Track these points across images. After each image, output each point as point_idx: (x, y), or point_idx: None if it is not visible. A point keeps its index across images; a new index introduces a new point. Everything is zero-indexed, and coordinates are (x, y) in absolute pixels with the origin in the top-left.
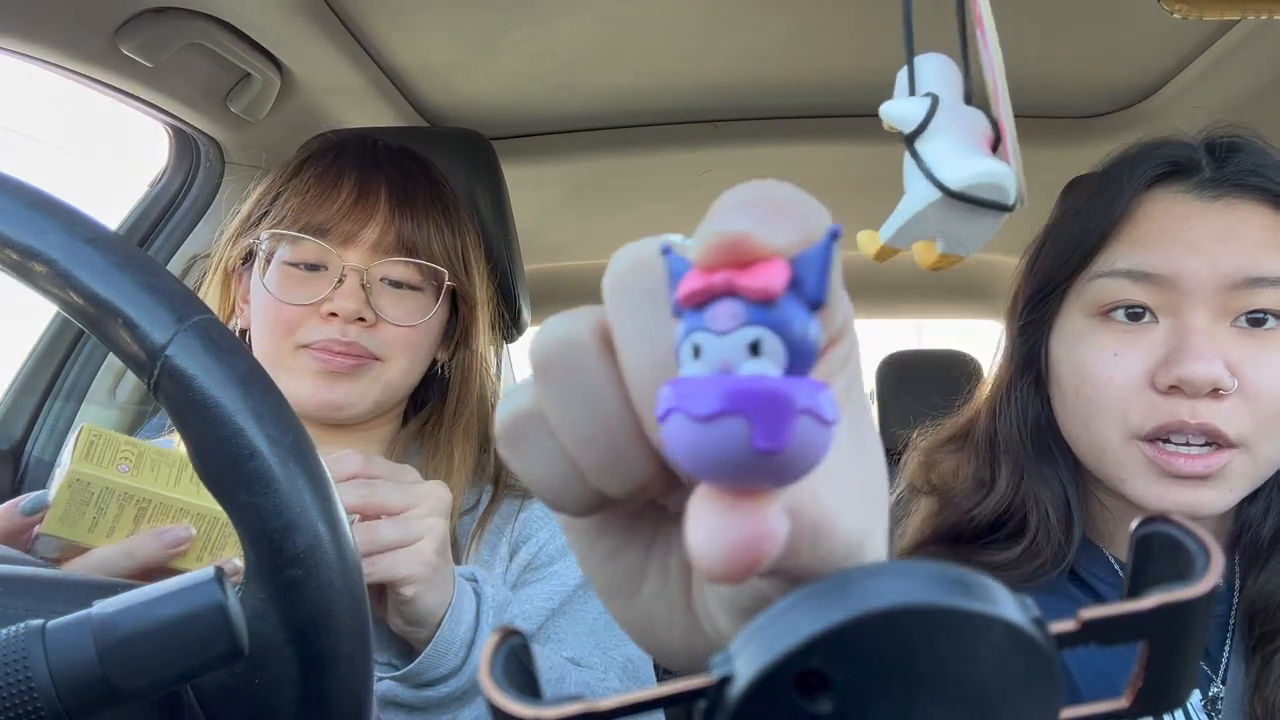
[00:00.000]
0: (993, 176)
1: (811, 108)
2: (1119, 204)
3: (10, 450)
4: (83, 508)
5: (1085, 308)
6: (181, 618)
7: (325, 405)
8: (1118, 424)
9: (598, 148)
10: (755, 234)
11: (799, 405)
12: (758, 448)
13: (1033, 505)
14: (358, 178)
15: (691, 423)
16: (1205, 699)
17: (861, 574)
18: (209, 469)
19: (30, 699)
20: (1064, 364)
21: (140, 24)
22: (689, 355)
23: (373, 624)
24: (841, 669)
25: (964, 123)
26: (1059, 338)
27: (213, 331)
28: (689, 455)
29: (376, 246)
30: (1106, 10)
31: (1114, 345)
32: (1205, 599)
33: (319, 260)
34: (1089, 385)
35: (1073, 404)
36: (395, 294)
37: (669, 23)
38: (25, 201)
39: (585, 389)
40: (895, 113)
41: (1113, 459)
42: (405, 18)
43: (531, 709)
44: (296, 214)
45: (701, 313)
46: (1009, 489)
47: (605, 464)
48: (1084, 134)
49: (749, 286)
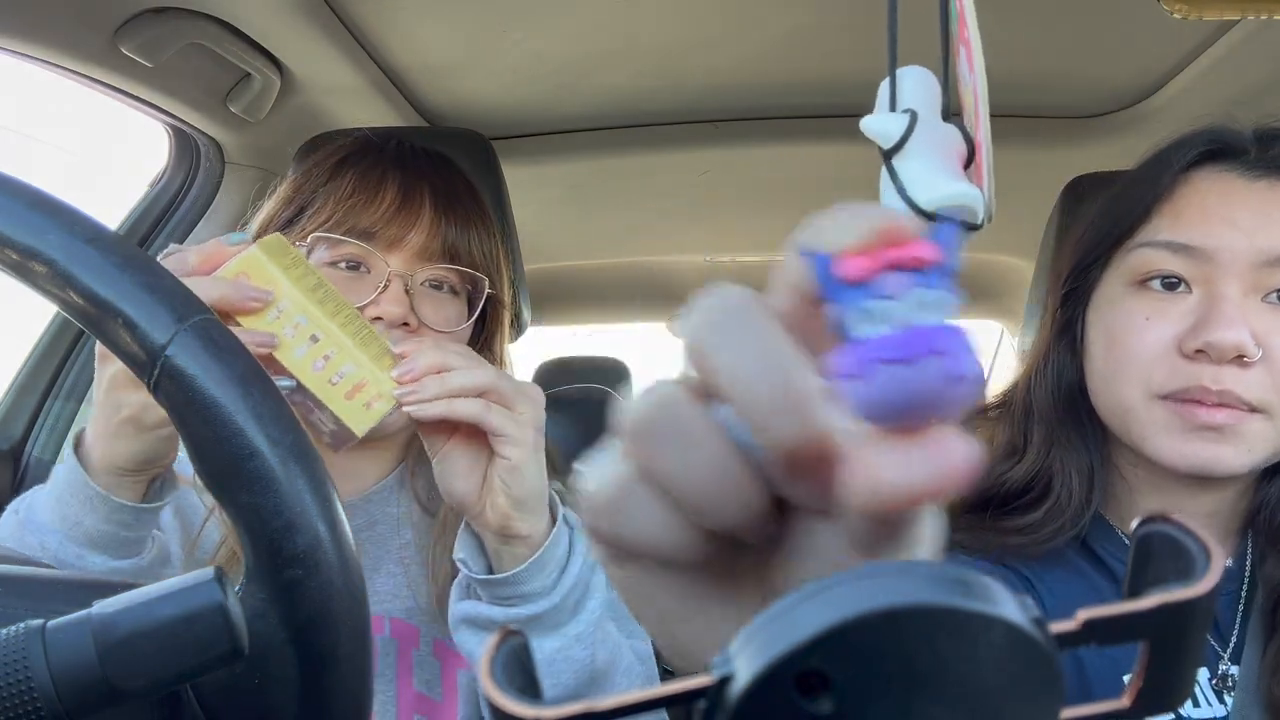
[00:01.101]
0: (963, 199)
1: (811, 108)
2: (1165, 179)
3: (10, 450)
4: None
5: (1124, 276)
6: (181, 618)
7: None
8: (1142, 384)
9: (598, 148)
10: (905, 223)
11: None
12: (962, 375)
13: (1059, 469)
14: (401, 182)
15: (901, 368)
16: (1214, 676)
17: (862, 574)
18: (209, 469)
19: (30, 699)
20: (1098, 328)
21: (140, 24)
22: (859, 320)
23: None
24: (841, 669)
25: (940, 140)
26: (1096, 305)
27: (213, 331)
28: (898, 398)
29: (422, 252)
30: (1106, 10)
31: (1147, 310)
32: (1205, 599)
33: (361, 259)
34: (1119, 347)
35: (1102, 366)
36: (437, 299)
37: (669, 23)
38: (25, 201)
39: (693, 435)
40: (874, 128)
41: (1136, 418)
42: (405, 18)
43: (531, 709)
44: (341, 217)
45: (862, 287)
46: (1039, 455)
47: (722, 495)
48: (1084, 134)
49: (918, 258)
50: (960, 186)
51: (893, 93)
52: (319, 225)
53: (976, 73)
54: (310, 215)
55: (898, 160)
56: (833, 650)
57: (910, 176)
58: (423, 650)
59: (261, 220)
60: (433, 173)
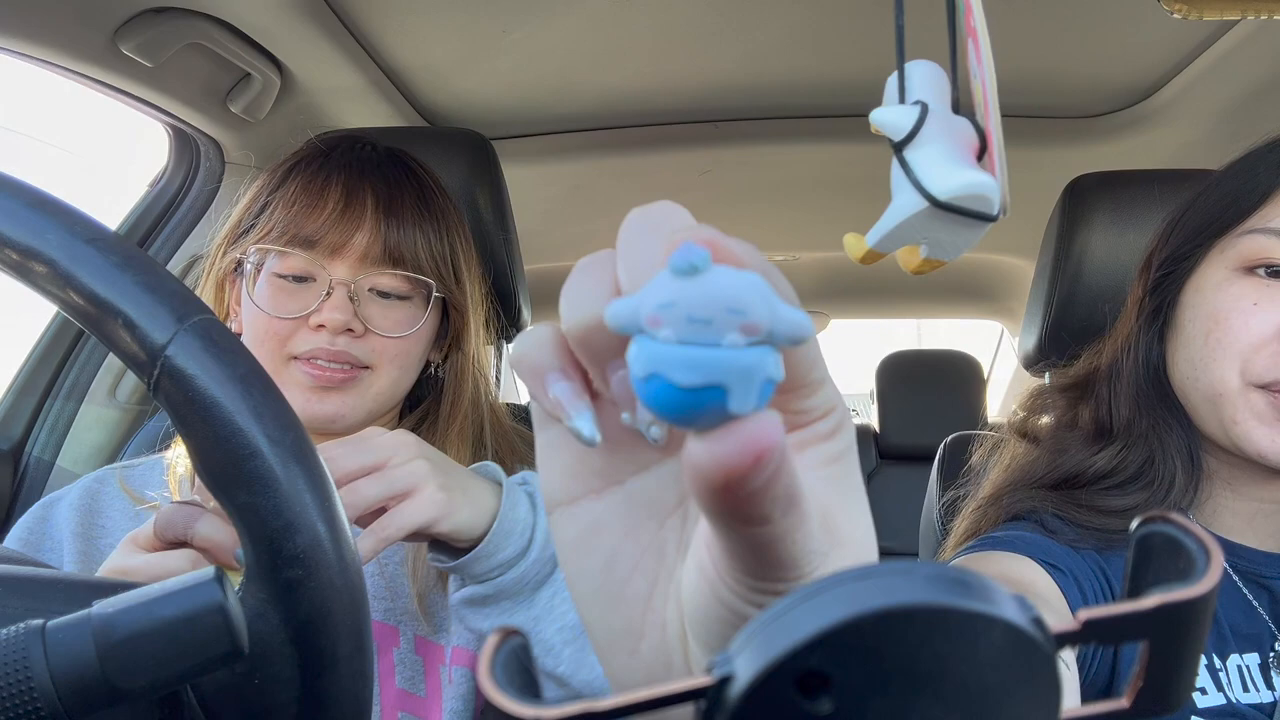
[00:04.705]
0: (978, 188)
1: (811, 108)
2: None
3: (10, 450)
4: None
5: (1229, 261)
6: (181, 618)
7: (318, 418)
8: (1239, 369)
9: (598, 148)
10: None
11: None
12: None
13: (1158, 450)
14: (344, 186)
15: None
16: (1265, 659)
17: (862, 574)
18: (209, 469)
19: (30, 699)
20: (1197, 310)
21: (140, 24)
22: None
23: None
24: (841, 669)
25: (952, 132)
26: (1194, 288)
27: (213, 331)
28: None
29: (364, 257)
30: (1106, 10)
31: (1254, 296)
32: (1205, 599)
33: (307, 272)
34: (1220, 329)
35: (1198, 349)
36: (383, 304)
37: (669, 23)
38: (25, 201)
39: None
40: (885, 120)
41: (1228, 402)
42: (405, 18)
43: (531, 709)
44: (284, 225)
45: None
46: (1130, 437)
47: None
48: (1084, 134)
49: None
50: (976, 175)
51: (902, 85)
52: (266, 233)
53: (985, 64)
54: (261, 223)
55: (909, 152)
56: (833, 650)
57: (923, 169)
58: (404, 649)
59: (228, 227)
60: (377, 175)
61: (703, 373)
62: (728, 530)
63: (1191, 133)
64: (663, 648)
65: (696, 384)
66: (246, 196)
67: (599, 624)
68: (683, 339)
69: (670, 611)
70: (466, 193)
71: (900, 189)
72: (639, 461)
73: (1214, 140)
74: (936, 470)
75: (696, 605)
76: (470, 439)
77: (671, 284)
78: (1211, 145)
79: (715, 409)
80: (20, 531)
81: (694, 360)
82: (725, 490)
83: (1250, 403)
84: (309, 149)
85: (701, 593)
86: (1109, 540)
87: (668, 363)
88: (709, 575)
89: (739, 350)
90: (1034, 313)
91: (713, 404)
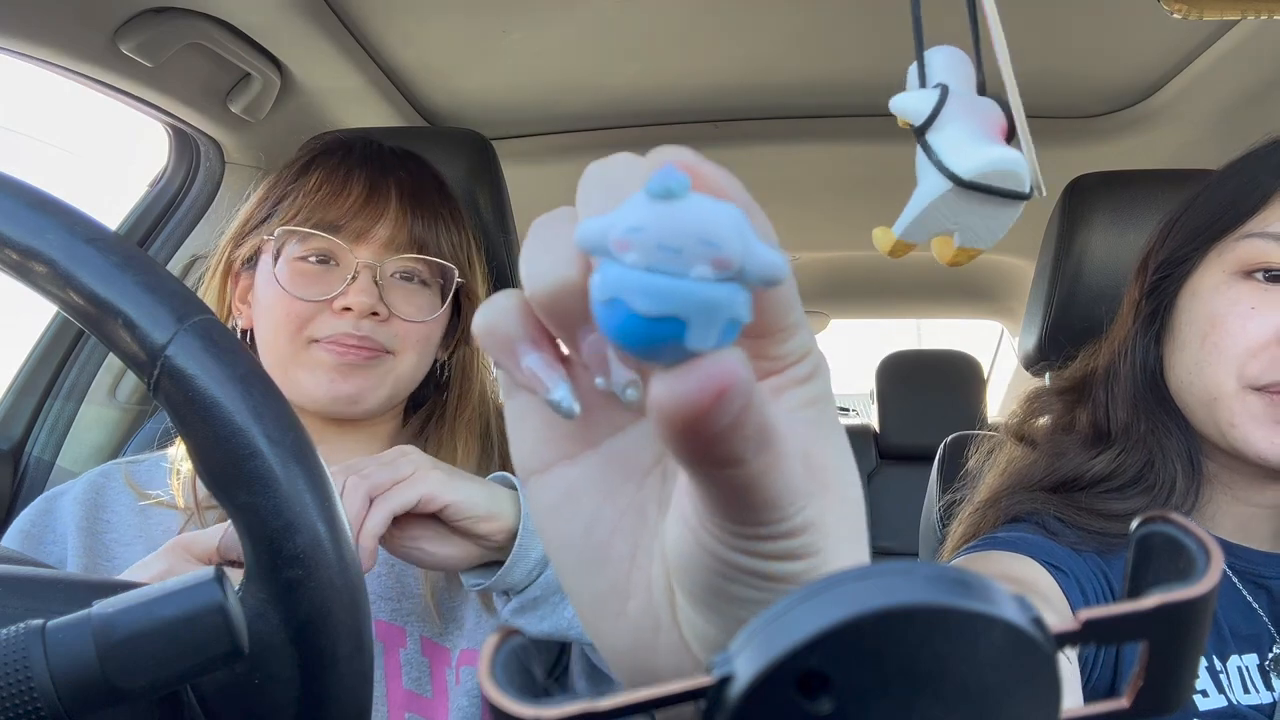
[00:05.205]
0: (1005, 164)
1: (812, 108)
2: None
3: (10, 450)
4: None
5: (1227, 265)
6: (181, 618)
7: (340, 398)
8: (1235, 373)
9: (598, 148)
10: None
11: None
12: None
13: (1157, 454)
14: (367, 178)
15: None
16: (1262, 661)
17: (862, 574)
18: (209, 469)
19: (30, 699)
20: (1194, 314)
21: (140, 24)
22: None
23: None
24: (841, 669)
25: (975, 111)
26: (1191, 291)
27: (213, 331)
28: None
29: (389, 243)
30: (1106, 10)
31: (1251, 300)
32: (1205, 599)
33: (330, 253)
34: (1218, 332)
35: (1194, 352)
36: (406, 289)
37: (669, 23)
38: (25, 201)
39: None
40: (904, 105)
41: (1225, 405)
42: (405, 18)
43: (531, 709)
44: (309, 211)
45: None
46: (1132, 439)
47: None
48: (1084, 134)
49: None
50: (1002, 151)
51: (921, 70)
52: (287, 220)
53: (1000, 45)
54: (280, 213)
55: (930, 134)
56: (833, 650)
57: (945, 149)
58: (410, 649)
59: (239, 222)
60: (399, 168)
61: (663, 302)
62: (702, 474)
63: (1191, 133)
64: (649, 607)
65: (655, 313)
66: (258, 192)
67: (584, 589)
68: (650, 266)
69: (655, 570)
70: (466, 193)
71: (925, 174)
72: (613, 423)
73: (1214, 140)
74: (936, 470)
75: (681, 557)
76: (477, 433)
77: (645, 207)
78: (1211, 145)
79: (672, 343)
80: (23, 524)
81: (657, 288)
82: (689, 430)
83: (1247, 405)
84: (327, 144)
85: (685, 543)
86: (1110, 544)
87: (630, 288)
88: (691, 525)
89: (706, 284)
90: (1034, 313)
91: (670, 337)
